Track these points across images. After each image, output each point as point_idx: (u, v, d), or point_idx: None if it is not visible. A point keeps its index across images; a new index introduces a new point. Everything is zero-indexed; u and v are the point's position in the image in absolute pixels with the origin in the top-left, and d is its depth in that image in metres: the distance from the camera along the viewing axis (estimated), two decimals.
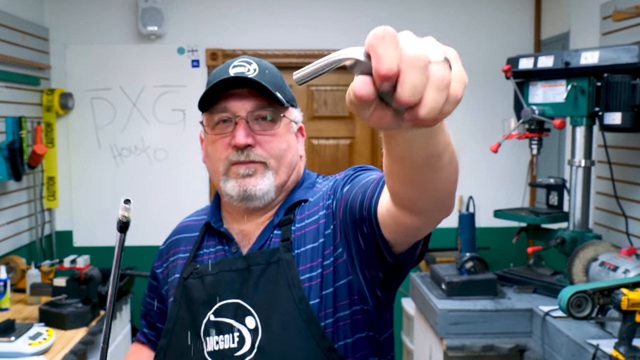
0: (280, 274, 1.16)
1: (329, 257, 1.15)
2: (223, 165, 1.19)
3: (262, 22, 3.81)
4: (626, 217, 2.63)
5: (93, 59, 3.75)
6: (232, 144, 1.17)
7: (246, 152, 1.17)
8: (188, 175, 3.83)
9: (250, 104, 1.18)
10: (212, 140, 1.21)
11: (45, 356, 2.21)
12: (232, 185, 1.18)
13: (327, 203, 1.19)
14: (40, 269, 2.92)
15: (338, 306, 1.14)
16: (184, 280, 1.24)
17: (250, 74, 1.17)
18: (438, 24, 3.84)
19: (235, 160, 1.17)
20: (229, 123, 1.19)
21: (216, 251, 1.25)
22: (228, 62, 1.23)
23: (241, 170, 1.17)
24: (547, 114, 2.63)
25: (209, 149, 1.23)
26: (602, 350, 1.94)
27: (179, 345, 1.20)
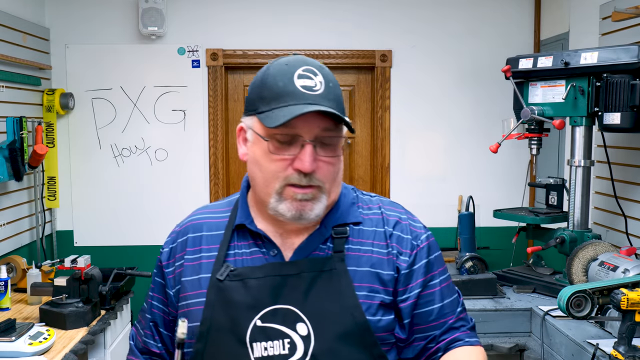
0: (334, 283, 1.17)
1: (386, 293, 1.20)
2: (279, 184, 1.15)
3: (262, 22, 3.81)
4: (625, 217, 2.64)
5: (93, 59, 3.76)
6: (295, 167, 1.13)
7: (308, 177, 1.14)
8: (188, 175, 3.84)
9: (319, 128, 1.13)
10: (269, 155, 1.15)
11: (45, 356, 2.21)
12: (287, 206, 1.15)
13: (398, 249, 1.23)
14: (41, 269, 2.92)
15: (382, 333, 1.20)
16: (220, 282, 1.18)
17: (318, 90, 1.13)
18: (438, 24, 3.85)
19: (295, 183, 1.14)
20: (292, 143, 1.13)
21: (251, 253, 1.21)
22: (289, 65, 1.17)
23: (299, 195, 1.14)
24: (546, 114, 2.64)
25: (263, 161, 1.16)
26: (601, 350, 1.95)
27: (219, 351, 1.15)
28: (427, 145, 3.89)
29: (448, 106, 3.87)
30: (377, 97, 3.87)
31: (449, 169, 3.89)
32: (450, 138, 3.90)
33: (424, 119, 3.89)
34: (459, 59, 3.85)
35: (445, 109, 3.87)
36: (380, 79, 3.85)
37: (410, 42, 3.85)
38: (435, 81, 3.86)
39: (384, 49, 3.84)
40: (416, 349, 1.24)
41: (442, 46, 3.85)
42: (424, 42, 3.85)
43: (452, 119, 3.88)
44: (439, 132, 3.89)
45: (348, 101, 3.95)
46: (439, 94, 3.87)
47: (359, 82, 3.95)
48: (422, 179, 3.89)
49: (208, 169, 3.84)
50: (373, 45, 3.84)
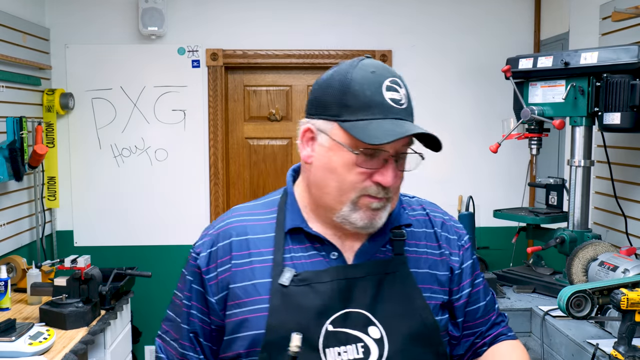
0: (400, 285, 1.18)
1: (443, 293, 1.24)
2: (356, 194, 1.13)
3: (262, 22, 3.81)
4: (625, 217, 2.64)
5: (93, 59, 3.76)
6: (375, 180, 1.12)
7: (386, 190, 1.14)
8: (188, 175, 3.84)
9: (401, 143, 1.13)
10: (350, 165, 1.12)
11: (45, 356, 2.21)
12: (359, 216, 1.14)
13: (448, 249, 1.28)
14: (41, 269, 2.92)
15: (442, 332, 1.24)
16: (284, 287, 1.14)
17: (403, 104, 1.14)
18: (438, 24, 3.85)
19: (373, 195, 1.13)
20: (374, 155, 1.12)
21: (310, 256, 1.18)
22: (375, 74, 1.14)
23: (374, 204, 1.14)
24: (546, 114, 2.64)
25: (343, 170, 1.13)
26: (601, 350, 1.95)
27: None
28: None
29: (448, 106, 3.87)
30: None
31: (449, 169, 3.89)
32: (450, 138, 3.89)
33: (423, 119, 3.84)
34: (459, 59, 3.85)
35: (445, 109, 3.87)
36: None
37: (410, 42, 3.85)
38: (435, 81, 3.86)
39: (384, 49, 3.84)
40: (465, 345, 1.31)
41: (442, 46, 3.85)
42: (424, 42, 3.85)
43: (452, 119, 3.88)
44: (439, 132, 3.82)
45: None
46: (439, 94, 3.87)
47: None
48: (422, 179, 3.89)
49: (208, 169, 3.84)
50: (373, 45, 3.84)
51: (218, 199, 3.84)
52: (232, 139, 3.95)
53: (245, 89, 3.94)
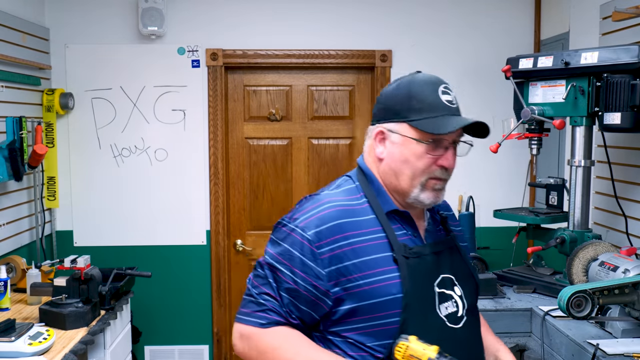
0: (459, 255, 1.53)
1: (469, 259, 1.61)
2: (425, 177, 1.43)
3: (262, 22, 3.81)
4: (626, 217, 2.64)
5: (93, 59, 3.75)
6: (439, 163, 1.43)
7: (447, 172, 1.45)
8: (188, 175, 3.84)
9: (456, 134, 1.45)
10: (420, 154, 1.42)
11: (45, 356, 2.21)
12: (427, 195, 1.44)
13: (460, 228, 1.67)
14: (41, 269, 2.92)
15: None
16: (407, 259, 1.40)
17: (455, 104, 1.47)
18: (438, 24, 3.84)
19: (438, 176, 1.44)
20: (437, 144, 1.42)
21: (401, 235, 1.44)
22: (432, 80, 1.49)
23: (438, 185, 1.45)
24: (546, 114, 2.64)
25: (412, 159, 1.42)
26: (601, 350, 1.95)
27: (420, 315, 1.38)
28: None
29: None
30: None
31: None
32: None
33: None
34: (459, 59, 3.85)
35: None
36: (380, 79, 3.85)
37: (410, 42, 3.85)
38: None
39: (384, 49, 3.84)
40: None
41: (442, 46, 3.85)
42: (424, 42, 3.85)
43: None
44: None
45: (348, 101, 3.94)
46: None
47: (359, 82, 3.95)
48: None
49: (208, 169, 3.84)
50: (373, 45, 3.84)
51: (218, 199, 3.84)
52: (232, 139, 3.94)
53: (245, 89, 3.94)
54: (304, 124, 3.96)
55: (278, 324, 1.39)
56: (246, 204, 3.95)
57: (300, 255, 1.37)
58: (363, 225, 1.41)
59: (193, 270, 3.82)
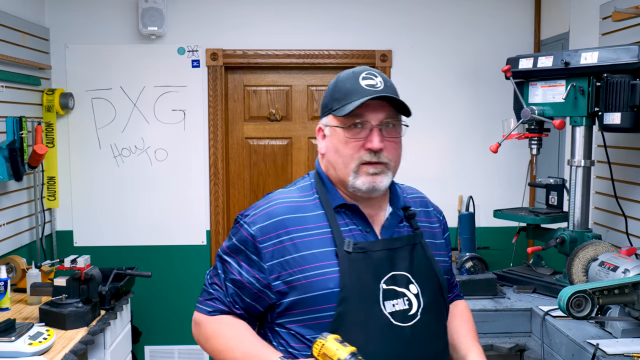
0: (423, 253, 1.50)
1: (443, 256, 1.60)
2: (355, 163, 1.43)
3: (262, 22, 3.81)
4: (626, 217, 2.64)
5: (93, 59, 3.75)
6: (366, 147, 1.42)
7: (378, 155, 1.42)
8: (188, 175, 3.84)
9: (383, 114, 1.43)
10: (346, 141, 1.43)
11: (45, 356, 2.21)
12: (362, 181, 1.43)
13: (440, 224, 1.64)
14: (41, 269, 2.92)
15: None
16: (349, 254, 1.41)
17: (379, 87, 1.43)
18: (438, 24, 3.84)
19: (367, 160, 1.43)
20: (362, 128, 1.42)
21: (350, 230, 1.45)
22: (354, 71, 1.47)
23: (371, 169, 1.43)
24: (546, 114, 2.64)
25: (341, 146, 1.45)
26: (601, 350, 1.95)
27: (359, 310, 1.38)
28: (427, 145, 3.89)
29: (448, 106, 3.87)
30: None
31: (449, 169, 3.89)
32: (450, 138, 3.90)
33: (424, 119, 3.88)
34: (459, 59, 3.85)
35: (446, 109, 3.87)
36: None
37: (410, 42, 3.85)
38: (435, 81, 3.86)
39: (384, 49, 3.84)
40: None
41: (442, 46, 3.85)
42: (424, 42, 3.85)
43: (452, 119, 3.88)
44: (439, 132, 3.89)
45: None
46: (439, 93, 3.86)
47: None
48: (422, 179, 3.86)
49: (208, 169, 3.84)
50: (373, 45, 3.84)
51: (218, 199, 3.84)
52: (232, 139, 3.94)
53: (245, 89, 3.94)
54: (304, 124, 3.96)
55: (223, 312, 1.48)
56: (246, 204, 3.95)
57: (245, 249, 1.44)
58: (310, 220, 1.45)
59: (193, 270, 3.82)
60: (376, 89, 1.42)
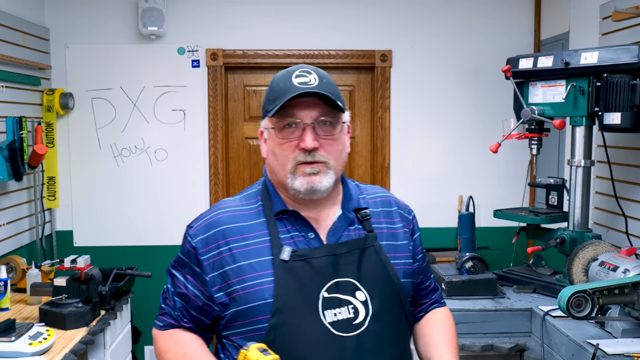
0: (375, 256, 1.42)
1: (406, 258, 1.49)
2: (291, 164, 1.38)
3: (262, 22, 3.81)
4: (626, 217, 2.64)
5: (93, 59, 3.75)
6: (300, 147, 1.37)
7: (312, 154, 1.37)
8: (188, 176, 3.84)
9: (316, 112, 1.37)
10: (280, 142, 1.39)
11: (45, 356, 2.21)
12: (299, 182, 1.37)
13: (406, 225, 1.54)
14: (41, 269, 2.92)
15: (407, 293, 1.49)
16: (285, 262, 1.35)
17: (312, 84, 1.37)
18: (438, 24, 3.84)
19: (302, 160, 1.37)
20: (296, 128, 1.37)
21: (292, 237, 1.40)
22: (288, 70, 1.42)
23: (307, 169, 1.37)
24: (546, 114, 2.64)
25: (277, 149, 1.40)
26: (601, 350, 1.95)
27: (295, 321, 1.33)
28: (427, 145, 3.89)
29: (448, 106, 3.87)
30: (377, 97, 3.87)
31: (449, 169, 3.89)
32: (450, 138, 3.90)
33: (424, 119, 3.88)
34: (459, 59, 3.85)
35: (446, 109, 3.87)
36: (380, 79, 3.85)
37: (410, 42, 3.85)
38: (436, 81, 3.86)
39: (384, 49, 3.84)
40: (416, 304, 1.59)
41: (442, 46, 3.85)
42: (424, 42, 3.85)
43: (452, 119, 3.88)
44: (439, 132, 3.89)
45: (348, 101, 3.94)
46: (439, 93, 3.87)
47: (359, 82, 3.95)
48: (422, 179, 3.89)
49: (208, 169, 3.84)
50: (373, 45, 3.84)
51: (218, 199, 3.83)
52: (232, 139, 3.95)
53: (245, 89, 3.94)
54: None
55: (173, 326, 1.47)
56: None
57: (189, 262, 1.43)
58: (250, 229, 1.40)
59: None
60: (308, 86, 1.36)
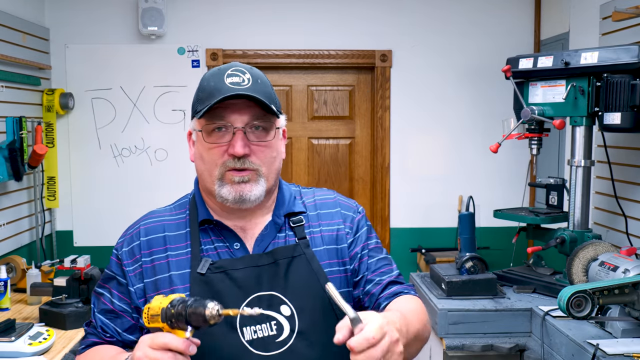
0: (306, 266, 1.30)
1: (345, 264, 1.36)
2: (219, 171, 1.27)
3: (262, 22, 3.81)
4: (626, 217, 2.64)
5: (93, 59, 3.76)
6: (229, 152, 1.26)
7: (242, 160, 1.26)
8: (188, 176, 3.82)
9: (248, 116, 1.26)
10: (208, 146, 1.28)
11: (45, 356, 2.21)
12: (227, 190, 1.27)
13: (347, 223, 1.40)
14: (41, 269, 2.92)
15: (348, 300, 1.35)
16: (202, 275, 1.27)
17: (245, 84, 1.26)
18: (438, 25, 3.84)
19: (231, 167, 1.26)
20: (225, 131, 1.26)
21: (216, 247, 1.31)
22: (220, 69, 1.30)
23: (236, 177, 1.26)
24: (546, 114, 2.64)
25: (204, 153, 1.29)
26: (601, 350, 1.94)
27: (210, 339, 1.21)
28: (427, 145, 3.89)
29: (448, 106, 3.87)
30: (377, 97, 3.87)
31: (449, 169, 3.89)
32: (450, 138, 3.90)
33: (424, 119, 3.88)
34: (459, 59, 3.85)
35: (445, 109, 3.87)
36: (380, 79, 3.85)
37: (410, 42, 3.85)
38: (436, 81, 3.86)
39: (384, 49, 3.84)
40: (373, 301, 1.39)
41: (442, 46, 3.85)
42: (424, 42, 3.85)
43: (452, 119, 3.88)
44: (439, 132, 3.89)
45: (348, 101, 3.94)
46: (439, 93, 3.87)
47: (359, 82, 3.95)
48: (422, 179, 3.89)
49: None
50: (373, 45, 3.84)
51: None
52: None
53: None
54: (304, 124, 3.96)
55: (94, 344, 1.35)
56: None
57: (115, 275, 1.35)
58: (172, 240, 1.32)
59: None
60: (241, 87, 1.25)
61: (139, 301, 1.30)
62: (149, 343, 1.07)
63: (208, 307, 1.05)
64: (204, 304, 1.05)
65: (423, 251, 3.70)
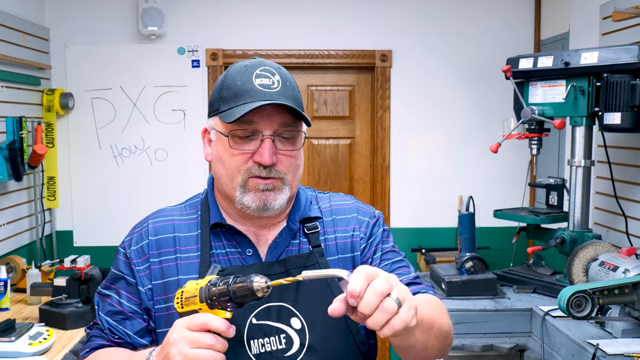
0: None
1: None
2: (242, 177, 1.21)
3: (262, 22, 3.81)
4: (626, 217, 2.64)
5: (93, 59, 3.76)
6: (255, 160, 1.20)
7: (268, 169, 1.20)
8: (188, 175, 3.84)
9: (277, 123, 1.20)
10: (231, 150, 1.21)
11: (45, 356, 2.21)
12: (251, 197, 1.21)
13: (362, 229, 1.33)
14: (41, 269, 2.92)
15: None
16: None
17: (275, 88, 1.19)
18: (438, 24, 3.84)
19: (256, 174, 1.20)
20: (253, 138, 1.20)
21: (227, 253, 1.25)
22: (247, 66, 1.22)
23: (261, 185, 1.20)
24: (546, 114, 2.64)
25: (227, 158, 1.22)
26: (601, 350, 1.94)
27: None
28: (427, 145, 3.89)
29: (448, 106, 3.87)
30: (377, 97, 3.87)
31: (449, 169, 3.89)
32: (450, 138, 3.90)
33: (424, 119, 3.88)
34: (459, 59, 3.85)
35: (445, 109, 3.87)
36: (380, 79, 3.85)
37: (410, 42, 3.85)
38: (435, 81, 3.86)
39: (384, 49, 3.84)
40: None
41: (442, 46, 3.85)
42: (424, 42, 3.85)
43: (452, 119, 3.88)
44: (439, 132, 3.89)
45: (348, 101, 3.94)
46: (439, 93, 3.87)
47: (359, 82, 3.95)
48: (422, 179, 3.89)
49: (208, 169, 3.84)
50: (373, 45, 3.84)
51: None
52: None
53: None
54: None
55: (100, 347, 1.27)
56: None
57: (123, 275, 1.28)
58: (183, 242, 1.26)
59: None
60: (271, 91, 1.18)
61: (149, 303, 1.24)
62: (186, 324, 1.01)
63: (255, 281, 1.00)
64: (250, 278, 1.01)
65: (423, 251, 3.70)
